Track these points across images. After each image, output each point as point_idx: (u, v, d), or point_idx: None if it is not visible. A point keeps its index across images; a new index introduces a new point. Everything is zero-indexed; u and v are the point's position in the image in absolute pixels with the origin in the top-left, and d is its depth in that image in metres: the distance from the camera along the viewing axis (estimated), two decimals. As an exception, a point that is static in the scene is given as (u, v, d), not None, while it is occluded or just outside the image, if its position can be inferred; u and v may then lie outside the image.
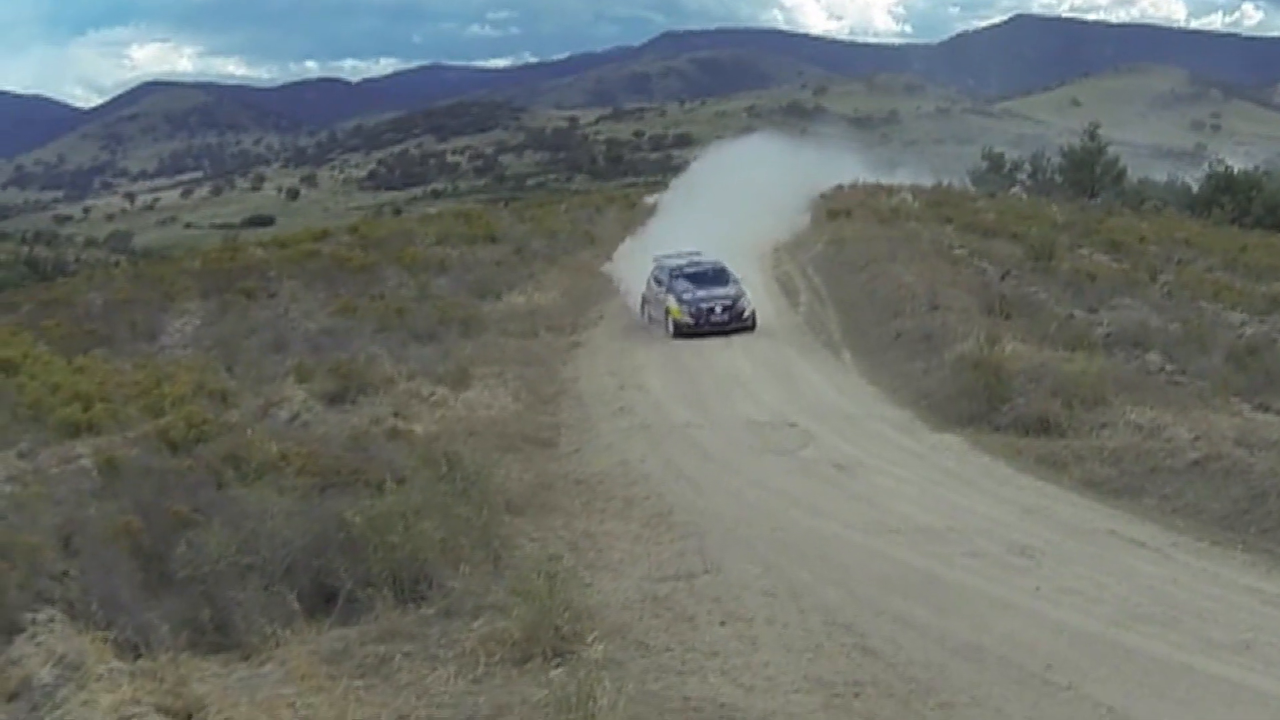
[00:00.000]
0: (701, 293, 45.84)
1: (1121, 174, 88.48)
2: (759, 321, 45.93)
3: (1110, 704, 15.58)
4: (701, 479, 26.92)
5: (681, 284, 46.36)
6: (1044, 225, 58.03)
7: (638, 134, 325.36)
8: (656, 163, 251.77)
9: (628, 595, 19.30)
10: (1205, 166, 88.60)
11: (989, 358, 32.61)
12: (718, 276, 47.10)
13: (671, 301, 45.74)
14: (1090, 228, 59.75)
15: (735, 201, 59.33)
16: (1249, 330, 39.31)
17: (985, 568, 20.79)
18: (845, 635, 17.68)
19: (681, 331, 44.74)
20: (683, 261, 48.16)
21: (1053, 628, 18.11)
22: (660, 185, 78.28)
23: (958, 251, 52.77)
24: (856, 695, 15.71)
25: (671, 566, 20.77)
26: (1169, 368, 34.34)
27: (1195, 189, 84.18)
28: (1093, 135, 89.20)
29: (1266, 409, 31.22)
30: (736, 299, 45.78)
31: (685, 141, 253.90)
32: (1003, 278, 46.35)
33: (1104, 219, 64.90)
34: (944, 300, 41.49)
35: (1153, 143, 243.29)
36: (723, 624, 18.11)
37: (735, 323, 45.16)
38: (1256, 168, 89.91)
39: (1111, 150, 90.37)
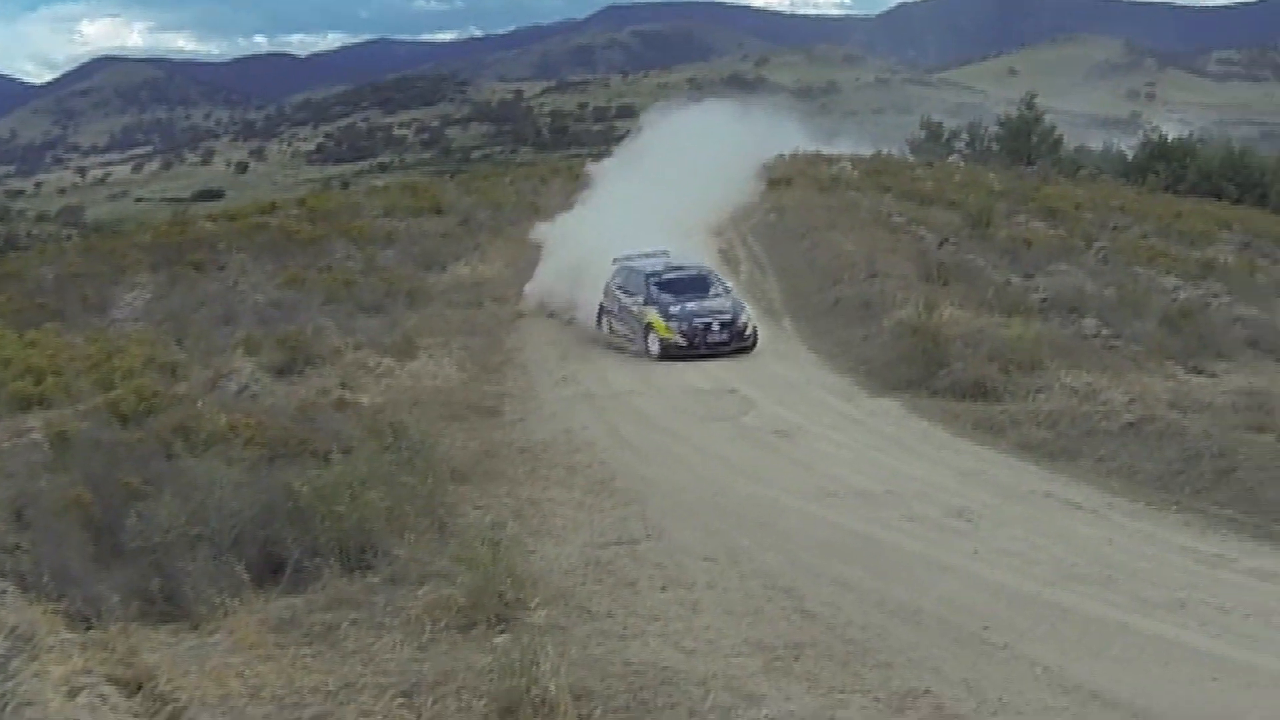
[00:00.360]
0: (692, 305, 37.67)
1: (1058, 142, 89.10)
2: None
3: (1046, 663, 15.80)
4: (644, 446, 27.23)
5: (663, 294, 38.25)
6: (981, 193, 58.48)
7: (581, 106, 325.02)
8: (600, 134, 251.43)
9: (570, 561, 19.50)
10: (1140, 134, 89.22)
11: (927, 324, 32.95)
12: (703, 283, 39.25)
13: (654, 316, 37.58)
14: (1027, 195, 60.22)
15: (681, 169, 57.86)
16: (1183, 295, 39.86)
17: (923, 531, 21.10)
18: (785, 599, 17.90)
19: (670, 353, 36.79)
20: (658, 265, 39.78)
21: (990, 589, 18.39)
22: (605, 155, 77.91)
23: (896, 219, 53.10)
24: (796, 658, 15.88)
25: (614, 532, 20.97)
26: (1104, 332, 34.73)
27: (1130, 156, 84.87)
28: (1029, 104, 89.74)
29: (1200, 372, 31.74)
30: (736, 314, 37.75)
31: (628, 113, 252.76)
32: (940, 245, 46.68)
33: (1040, 186, 65.35)
34: (882, 267, 41.82)
35: (1089, 111, 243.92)
36: (664, 589, 18.29)
37: (736, 342, 37.22)
38: (1191, 135, 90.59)
39: (1048, 119, 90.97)
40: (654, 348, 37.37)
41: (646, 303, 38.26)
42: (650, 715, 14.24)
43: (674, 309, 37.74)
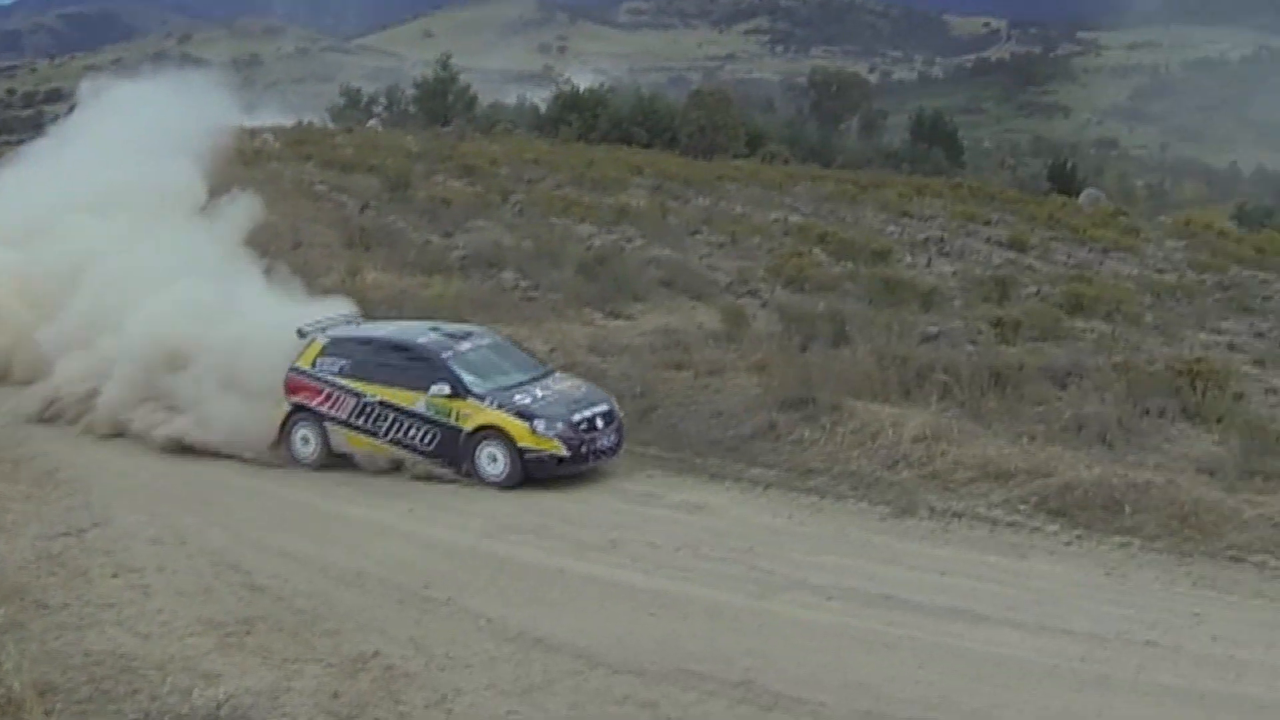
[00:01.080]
0: (544, 392, 24.13)
1: (473, 101, 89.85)
2: None
3: (489, 613, 16.44)
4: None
5: (483, 378, 24.26)
6: (400, 156, 58.49)
7: (10, 92, 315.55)
8: (30, 120, 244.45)
9: (23, 555, 19.10)
10: (553, 87, 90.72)
11: (352, 289, 33.01)
12: (522, 358, 25.88)
13: (497, 415, 23.30)
14: (444, 155, 60.32)
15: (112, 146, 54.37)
16: (598, 241, 40.73)
17: (357, 495, 21.77)
18: (233, 575, 18.07)
19: (540, 473, 22.94)
20: (423, 333, 25.37)
21: (428, 546, 19.12)
22: (38, 137, 74.29)
23: (319, 188, 52.70)
24: (248, 632, 16.09)
25: (62, 523, 20.58)
26: (524, 284, 35.18)
27: (544, 109, 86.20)
28: (445, 65, 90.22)
29: (617, 315, 32.58)
30: (610, 403, 24.43)
31: (56, 97, 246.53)
32: (362, 210, 46.61)
33: (457, 145, 65.64)
34: (307, 237, 41.55)
35: (503, 68, 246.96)
36: (115, 575, 18.20)
37: (621, 445, 24.05)
38: (602, 85, 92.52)
39: (463, 78, 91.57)
40: (498, 468, 23.11)
41: (457, 395, 23.72)
42: (113, 704, 14.24)
43: (521, 399, 23.83)
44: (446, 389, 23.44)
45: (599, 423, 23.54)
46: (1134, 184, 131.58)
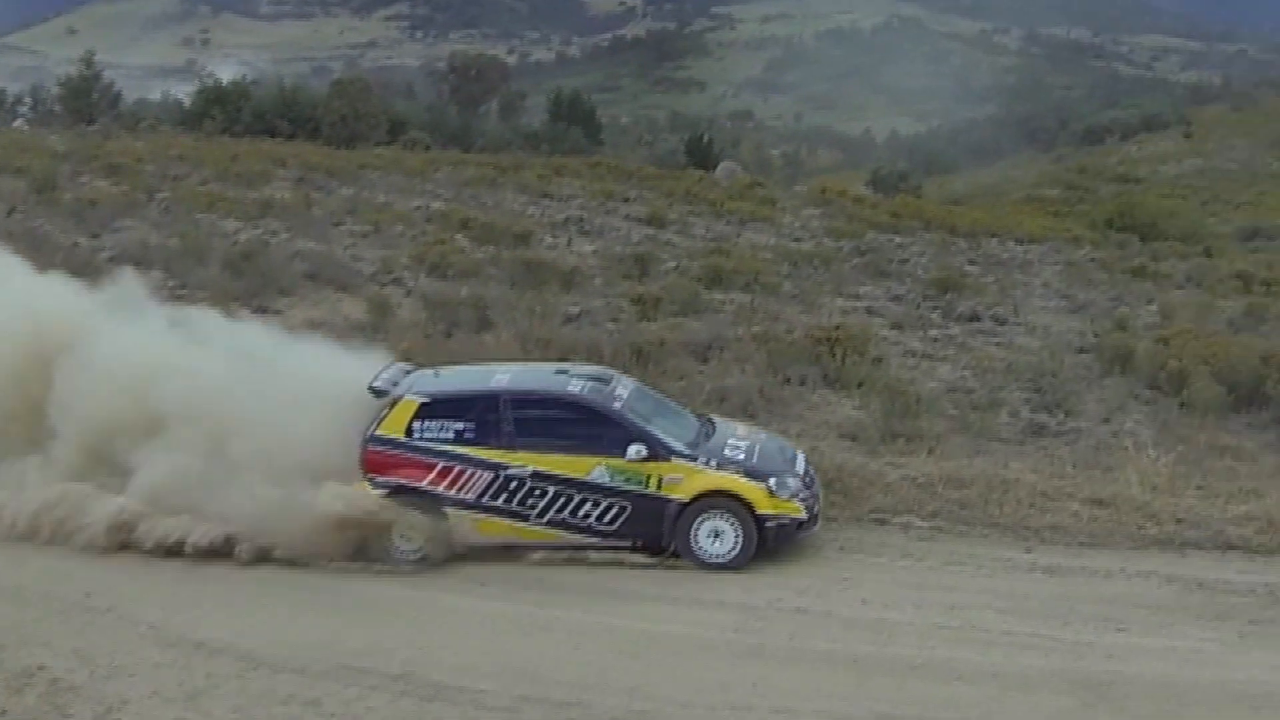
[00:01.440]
0: (740, 442, 20.32)
1: (117, 98, 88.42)
2: None
3: (151, 620, 16.67)
4: None
5: (665, 433, 19.81)
6: (46, 157, 57.39)
7: None
8: None
9: None
10: (196, 81, 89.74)
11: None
12: (672, 407, 21.45)
13: (731, 479, 19.17)
14: (91, 154, 59.36)
15: None
16: (243, 236, 40.52)
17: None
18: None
19: (783, 540, 19.30)
20: (586, 383, 20.27)
21: (87, 556, 18.87)
22: None
23: (-35, 194, 51.71)
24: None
25: None
26: (171, 283, 34.81)
27: (188, 104, 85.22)
28: (88, 63, 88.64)
29: (265, 311, 32.54)
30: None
31: None
32: (9, 214, 45.74)
33: (103, 144, 64.57)
34: (-49, 246, 40.74)
35: (147, 63, 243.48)
36: None
37: None
38: (245, 77, 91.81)
39: (107, 75, 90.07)
40: (725, 544, 19.02)
41: (656, 456, 19.28)
42: None
43: (734, 454, 19.83)
44: (644, 450, 19.15)
45: (811, 473, 20.40)
46: (770, 154, 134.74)
